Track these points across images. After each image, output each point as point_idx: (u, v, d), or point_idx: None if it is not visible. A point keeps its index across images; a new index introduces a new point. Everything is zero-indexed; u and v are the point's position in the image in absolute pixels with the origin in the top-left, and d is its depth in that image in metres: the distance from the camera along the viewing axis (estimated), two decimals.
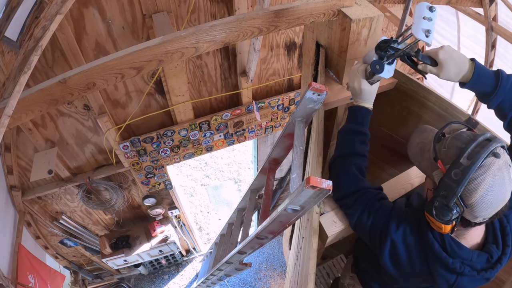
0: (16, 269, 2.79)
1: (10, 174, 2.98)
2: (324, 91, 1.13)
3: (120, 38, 2.50)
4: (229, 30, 1.24)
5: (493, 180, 0.88)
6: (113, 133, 3.04)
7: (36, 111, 1.16)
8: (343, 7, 1.36)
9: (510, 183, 0.91)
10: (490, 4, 2.64)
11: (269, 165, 1.65)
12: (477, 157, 0.88)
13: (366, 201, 1.17)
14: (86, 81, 1.15)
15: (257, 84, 3.35)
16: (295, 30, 3.12)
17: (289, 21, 1.31)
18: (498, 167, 0.89)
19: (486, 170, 0.88)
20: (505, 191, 0.90)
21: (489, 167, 0.88)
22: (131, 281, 5.37)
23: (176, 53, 1.21)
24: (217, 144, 3.68)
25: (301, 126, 1.25)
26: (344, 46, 1.41)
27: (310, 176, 0.79)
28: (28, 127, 2.76)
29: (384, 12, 2.92)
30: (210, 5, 2.60)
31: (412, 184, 1.39)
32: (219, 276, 2.51)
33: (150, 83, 2.86)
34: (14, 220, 3.18)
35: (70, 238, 3.97)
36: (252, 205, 1.96)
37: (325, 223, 1.23)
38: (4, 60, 1.30)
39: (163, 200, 4.24)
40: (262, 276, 5.52)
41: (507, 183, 0.90)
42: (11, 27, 1.34)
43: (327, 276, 2.72)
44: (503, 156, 0.91)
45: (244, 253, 1.66)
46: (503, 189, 0.90)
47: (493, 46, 2.90)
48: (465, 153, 0.90)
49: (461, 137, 0.95)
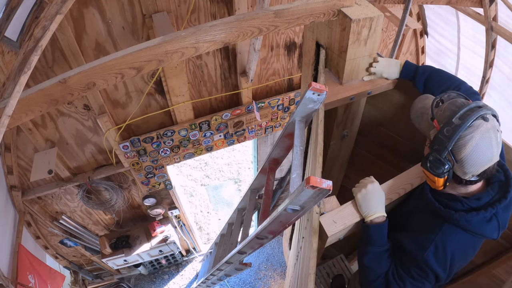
0: (16, 269, 2.79)
1: (10, 174, 2.98)
2: (324, 91, 1.13)
3: (120, 38, 2.50)
4: (229, 30, 1.24)
5: (480, 139, 0.99)
6: (113, 133, 3.04)
7: (36, 111, 1.16)
8: (343, 7, 1.36)
9: (497, 146, 1.01)
10: (490, 4, 2.64)
11: (269, 165, 1.65)
12: (467, 118, 1.00)
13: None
14: (86, 81, 1.15)
15: (257, 84, 3.35)
16: (295, 30, 3.12)
17: (289, 21, 1.31)
18: (486, 129, 0.99)
19: (474, 130, 0.99)
20: (492, 151, 1.01)
21: (477, 127, 0.99)
22: (131, 281, 5.37)
23: (176, 53, 1.21)
24: (217, 144, 3.68)
25: (301, 126, 1.25)
26: (344, 46, 1.41)
27: (310, 176, 0.79)
28: (28, 127, 2.76)
29: (384, 12, 2.92)
30: (210, 5, 2.60)
31: (412, 184, 1.39)
32: (219, 276, 2.51)
33: (150, 83, 2.86)
34: (14, 220, 3.18)
35: (70, 238, 3.97)
36: (252, 205, 1.96)
37: (325, 223, 1.22)
38: (4, 60, 1.30)
39: (163, 200, 4.24)
40: (262, 276, 5.52)
41: (494, 145, 1.00)
42: (11, 27, 1.35)
43: (327, 276, 2.72)
44: (491, 121, 1.01)
45: (244, 253, 1.66)
46: (490, 149, 1.00)
47: (493, 46, 2.90)
48: (458, 114, 1.02)
49: (456, 102, 1.07)
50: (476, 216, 1.10)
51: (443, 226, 1.15)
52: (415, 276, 1.18)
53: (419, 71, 1.46)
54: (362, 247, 1.27)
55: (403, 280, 1.19)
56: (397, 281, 1.20)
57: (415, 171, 1.43)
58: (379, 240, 1.23)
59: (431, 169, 1.06)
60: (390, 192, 1.36)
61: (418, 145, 1.83)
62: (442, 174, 1.05)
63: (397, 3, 2.58)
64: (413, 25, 3.13)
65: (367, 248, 1.24)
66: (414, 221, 1.29)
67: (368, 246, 1.24)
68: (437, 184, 1.10)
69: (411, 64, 1.49)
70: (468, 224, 1.11)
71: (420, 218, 1.26)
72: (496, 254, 1.68)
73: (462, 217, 1.11)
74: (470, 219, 1.11)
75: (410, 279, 1.18)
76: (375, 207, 1.24)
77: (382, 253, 1.23)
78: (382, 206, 1.26)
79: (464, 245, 1.17)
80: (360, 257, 1.29)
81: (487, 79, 3.08)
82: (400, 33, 2.39)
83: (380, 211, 1.24)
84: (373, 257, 1.23)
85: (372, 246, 1.23)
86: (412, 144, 1.88)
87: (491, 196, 1.13)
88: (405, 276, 1.19)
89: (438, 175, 1.06)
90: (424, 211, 1.25)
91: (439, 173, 1.05)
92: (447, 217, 1.13)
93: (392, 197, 1.35)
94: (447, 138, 1.02)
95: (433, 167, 1.06)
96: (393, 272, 1.22)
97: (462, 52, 3.53)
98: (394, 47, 2.48)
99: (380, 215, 1.24)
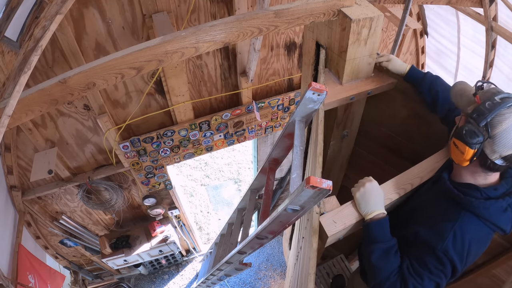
0: (16, 269, 2.79)
1: (10, 174, 2.98)
2: (324, 91, 1.13)
3: (120, 38, 2.50)
4: (229, 30, 1.24)
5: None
6: (113, 133, 3.04)
7: (36, 111, 1.16)
8: (343, 7, 1.36)
9: None
10: (490, 4, 2.64)
11: (269, 165, 1.65)
12: (508, 100, 1.05)
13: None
14: (86, 81, 1.15)
15: (257, 84, 3.35)
16: (295, 30, 3.12)
17: (289, 21, 1.31)
18: None
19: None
20: None
21: None
22: (131, 281, 5.37)
23: (176, 53, 1.21)
24: (217, 144, 3.68)
25: (301, 126, 1.25)
26: (344, 46, 1.41)
27: (310, 176, 0.79)
28: (28, 127, 2.76)
29: (384, 12, 2.92)
30: (210, 5, 2.60)
31: (412, 184, 1.39)
32: (219, 276, 2.51)
33: (150, 83, 2.86)
34: (14, 220, 3.18)
35: (70, 238, 3.97)
36: (252, 205, 1.96)
37: (325, 223, 1.22)
38: (4, 60, 1.30)
39: (163, 200, 4.24)
40: (262, 276, 5.52)
41: None
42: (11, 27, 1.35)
43: (327, 276, 2.73)
44: None
45: (244, 253, 1.66)
46: None
47: (493, 46, 2.90)
48: (499, 95, 1.07)
49: (497, 88, 1.13)
50: (494, 204, 1.14)
51: (462, 215, 1.16)
52: (432, 270, 1.16)
53: (428, 74, 1.53)
54: (367, 247, 1.25)
55: (420, 275, 1.17)
56: (414, 276, 1.17)
57: (415, 171, 1.43)
58: (383, 235, 1.23)
59: (465, 137, 1.08)
60: (390, 192, 1.36)
61: (418, 145, 1.83)
62: (474, 145, 1.08)
63: (397, 3, 2.58)
64: (413, 25, 3.14)
65: (373, 247, 1.23)
66: (424, 216, 1.28)
67: (373, 244, 1.23)
68: (465, 155, 1.11)
69: (418, 70, 1.59)
70: (485, 212, 1.14)
71: (433, 210, 1.26)
72: (496, 254, 1.68)
73: (481, 204, 1.14)
74: (488, 207, 1.14)
75: (428, 273, 1.16)
76: (374, 205, 1.24)
77: (389, 248, 1.22)
78: (381, 204, 1.26)
79: (480, 236, 1.18)
80: (367, 259, 1.26)
81: (487, 79, 3.08)
82: (400, 33, 2.39)
83: (379, 209, 1.24)
84: (381, 254, 1.22)
85: (377, 243, 1.22)
86: (412, 144, 1.88)
87: (506, 188, 1.18)
88: (421, 270, 1.17)
89: (471, 145, 1.08)
90: (438, 203, 1.25)
91: (472, 143, 1.08)
92: (467, 204, 1.15)
93: (392, 197, 1.35)
94: (487, 110, 1.06)
95: (467, 135, 1.08)
96: (408, 268, 1.19)
97: (462, 52, 3.53)
98: (394, 47, 2.48)
99: (380, 213, 1.24)
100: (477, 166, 1.16)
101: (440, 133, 1.54)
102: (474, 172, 1.19)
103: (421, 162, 1.46)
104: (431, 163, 1.45)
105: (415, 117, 1.73)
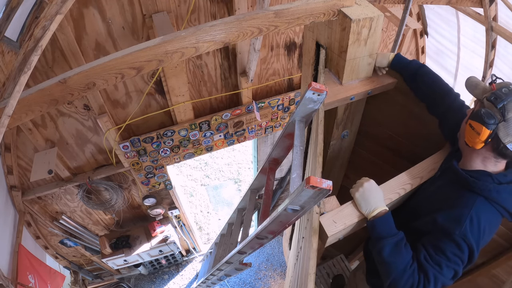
0: (16, 269, 2.79)
1: (10, 174, 2.98)
2: (324, 91, 1.13)
3: (120, 38, 2.50)
4: (229, 30, 1.24)
5: None
6: (113, 133, 3.04)
7: (36, 111, 1.16)
8: (343, 7, 1.36)
9: None
10: (490, 4, 2.64)
11: (269, 165, 1.65)
12: None
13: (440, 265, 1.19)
14: (86, 81, 1.15)
15: (257, 84, 3.35)
16: (295, 30, 3.12)
17: (289, 21, 1.31)
18: None
19: None
20: None
21: None
22: (131, 281, 5.37)
23: (176, 53, 1.21)
24: (217, 144, 3.68)
25: (301, 126, 1.25)
26: (344, 46, 1.41)
27: (310, 176, 0.79)
28: (28, 127, 2.76)
29: (384, 12, 2.92)
30: (210, 5, 2.60)
31: (412, 184, 1.39)
32: (219, 276, 2.51)
33: (150, 83, 2.86)
34: (14, 220, 3.18)
35: (70, 238, 3.97)
36: (252, 205, 1.96)
37: (325, 223, 1.23)
38: (4, 60, 1.30)
39: (163, 200, 4.24)
40: (262, 276, 5.52)
41: None
42: (11, 27, 1.34)
43: (327, 276, 2.73)
44: None
45: (244, 253, 1.66)
46: None
47: (493, 46, 2.90)
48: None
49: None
50: (506, 188, 1.18)
51: (477, 200, 1.18)
52: (450, 257, 1.16)
53: (413, 62, 1.57)
54: (376, 245, 1.24)
55: (439, 263, 1.17)
56: (432, 265, 1.17)
57: (415, 171, 1.43)
58: (390, 230, 1.23)
59: (483, 117, 1.12)
60: (390, 192, 1.36)
61: (418, 145, 1.83)
62: (491, 126, 1.11)
63: (397, 3, 2.59)
64: (413, 25, 3.14)
65: (382, 243, 1.22)
66: (437, 204, 1.28)
67: (381, 241, 1.22)
68: (481, 136, 1.14)
69: (403, 57, 1.62)
70: (498, 196, 1.17)
71: (447, 198, 1.27)
72: (496, 254, 1.68)
73: (494, 188, 1.17)
74: (501, 190, 1.17)
75: (446, 261, 1.16)
76: (375, 203, 1.25)
77: (399, 241, 1.22)
78: (381, 201, 1.27)
79: (492, 221, 1.20)
80: (378, 257, 1.25)
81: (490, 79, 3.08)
82: (400, 33, 2.39)
83: (381, 206, 1.25)
84: (392, 248, 1.21)
85: (386, 239, 1.21)
86: (412, 144, 1.88)
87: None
88: (439, 258, 1.17)
89: (488, 125, 1.11)
90: (450, 191, 1.27)
91: (489, 123, 1.11)
92: (481, 189, 1.18)
93: (392, 197, 1.35)
94: (504, 94, 1.10)
95: (484, 117, 1.12)
96: (425, 257, 1.19)
97: (462, 52, 3.53)
98: (394, 47, 2.48)
99: (382, 209, 1.24)
100: (489, 151, 1.18)
101: (439, 133, 1.54)
102: (485, 158, 1.21)
103: (421, 162, 1.46)
104: (431, 163, 1.45)
105: (415, 117, 1.73)
